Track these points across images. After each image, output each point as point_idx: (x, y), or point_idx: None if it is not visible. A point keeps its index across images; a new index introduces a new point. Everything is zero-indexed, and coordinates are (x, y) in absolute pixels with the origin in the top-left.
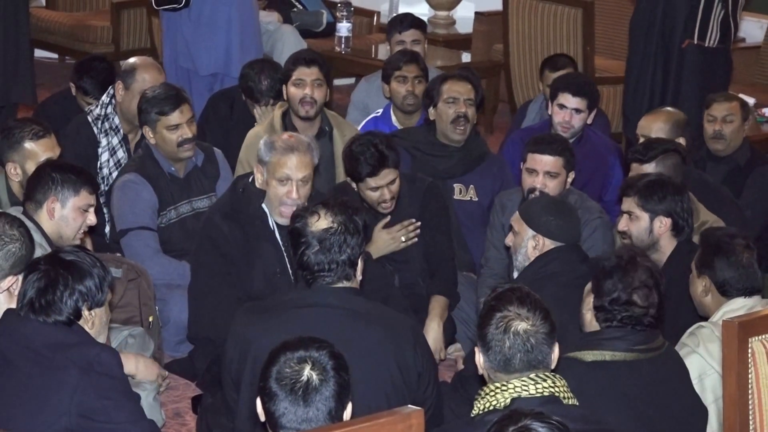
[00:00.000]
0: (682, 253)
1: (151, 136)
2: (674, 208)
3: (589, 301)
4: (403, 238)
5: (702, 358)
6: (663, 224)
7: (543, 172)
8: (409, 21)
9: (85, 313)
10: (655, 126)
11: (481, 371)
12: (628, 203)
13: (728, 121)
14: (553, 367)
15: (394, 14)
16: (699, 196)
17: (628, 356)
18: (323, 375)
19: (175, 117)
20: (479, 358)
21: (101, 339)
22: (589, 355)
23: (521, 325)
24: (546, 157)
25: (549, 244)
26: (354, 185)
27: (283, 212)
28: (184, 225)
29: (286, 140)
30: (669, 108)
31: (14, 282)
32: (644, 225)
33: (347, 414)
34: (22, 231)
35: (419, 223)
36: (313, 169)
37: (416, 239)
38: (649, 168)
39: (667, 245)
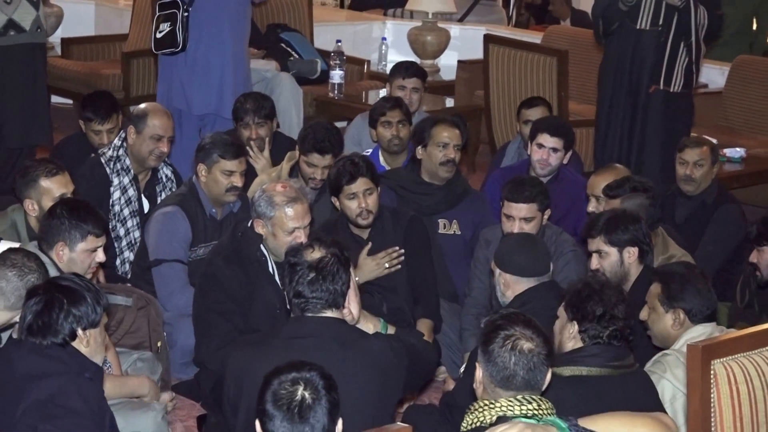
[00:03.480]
0: (646, 278)
1: (204, 174)
2: (637, 235)
3: (569, 331)
4: (386, 265)
5: (671, 383)
6: (631, 254)
7: (519, 218)
8: (413, 69)
9: (80, 332)
10: (603, 184)
11: (476, 386)
12: (595, 243)
13: (699, 165)
14: (543, 389)
15: (384, 63)
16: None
17: (603, 371)
18: (315, 394)
19: (233, 164)
20: (479, 373)
21: (98, 359)
22: (567, 371)
23: (527, 345)
24: (520, 205)
25: (523, 283)
26: (337, 203)
27: None
28: None
29: (283, 192)
30: (616, 164)
31: None
32: (614, 259)
33: (338, 429)
34: (39, 263)
35: (402, 251)
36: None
37: (399, 266)
38: (615, 204)
39: (634, 273)
